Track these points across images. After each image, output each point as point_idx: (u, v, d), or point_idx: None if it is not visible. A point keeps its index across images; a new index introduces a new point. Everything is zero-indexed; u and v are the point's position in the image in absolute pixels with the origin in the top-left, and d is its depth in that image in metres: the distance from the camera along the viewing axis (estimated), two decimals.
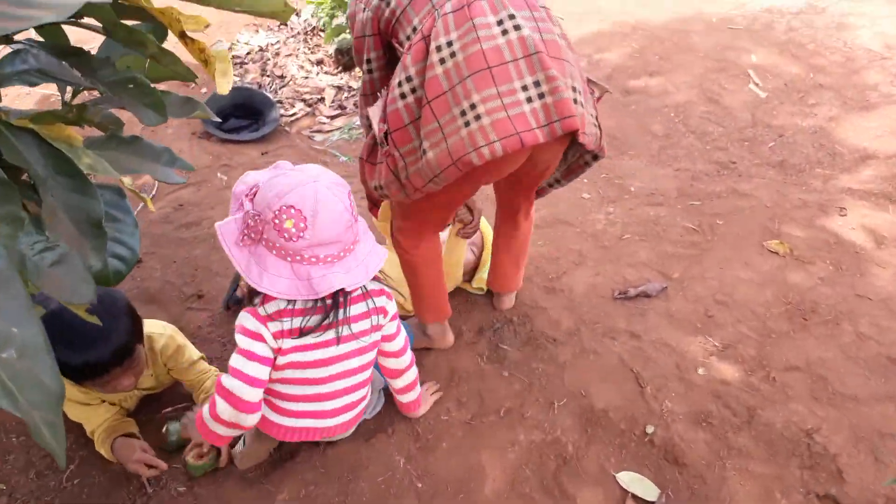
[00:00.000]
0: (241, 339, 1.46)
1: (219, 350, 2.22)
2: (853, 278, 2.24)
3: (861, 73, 3.77)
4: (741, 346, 2.00)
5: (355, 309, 1.55)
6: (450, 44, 1.41)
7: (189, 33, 0.96)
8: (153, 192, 3.15)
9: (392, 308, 1.64)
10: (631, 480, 1.67)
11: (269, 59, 4.39)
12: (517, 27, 1.41)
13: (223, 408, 1.45)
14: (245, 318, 1.46)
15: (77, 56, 1.01)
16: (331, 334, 1.52)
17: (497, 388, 1.91)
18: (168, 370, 1.87)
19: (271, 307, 1.45)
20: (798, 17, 4.40)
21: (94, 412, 1.75)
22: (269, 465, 1.76)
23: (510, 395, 1.88)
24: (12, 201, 0.83)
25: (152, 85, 1.05)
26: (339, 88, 4.11)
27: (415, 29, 1.50)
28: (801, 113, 3.48)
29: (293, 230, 1.37)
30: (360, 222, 1.51)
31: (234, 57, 4.45)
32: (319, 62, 4.32)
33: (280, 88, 4.11)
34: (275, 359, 1.49)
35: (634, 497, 1.63)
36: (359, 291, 1.55)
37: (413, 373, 1.75)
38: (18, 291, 0.55)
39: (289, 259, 1.40)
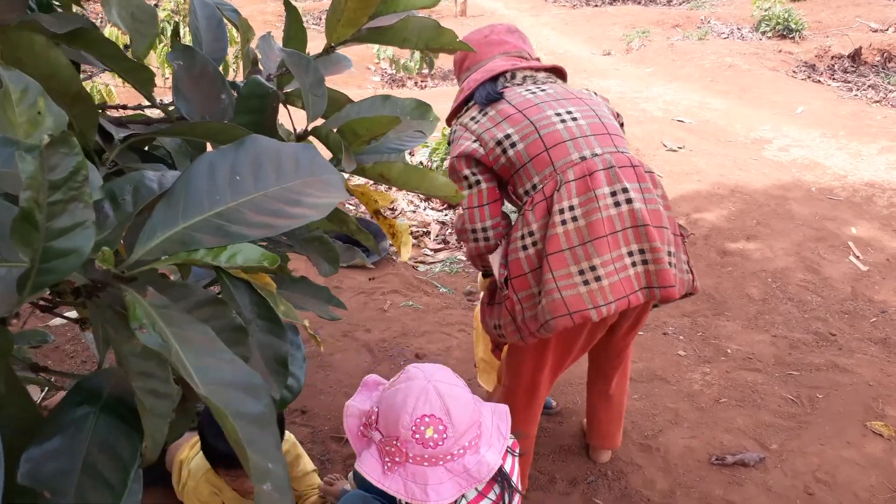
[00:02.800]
0: None
1: (318, 468, 2.33)
2: None
3: None
4: None
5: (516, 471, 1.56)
6: (572, 208, 1.59)
7: (381, 210, 1.16)
8: None
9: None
10: None
11: None
12: (629, 200, 1.60)
13: None
14: None
15: None
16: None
17: None
18: None
19: None
20: None
21: None
22: None
23: None
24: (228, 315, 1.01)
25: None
26: (444, 224, 4.39)
27: (534, 186, 1.66)
28: None
29: (436, 436, 1.36)
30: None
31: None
32: (427, 198, 4.64)
33: None
34: None
35: None
36: (509, 457, 1.54)
37: None
38: (274, 433, 0.69)
39: (441, 463, 1.38)
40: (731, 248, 3.85)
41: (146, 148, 1.20)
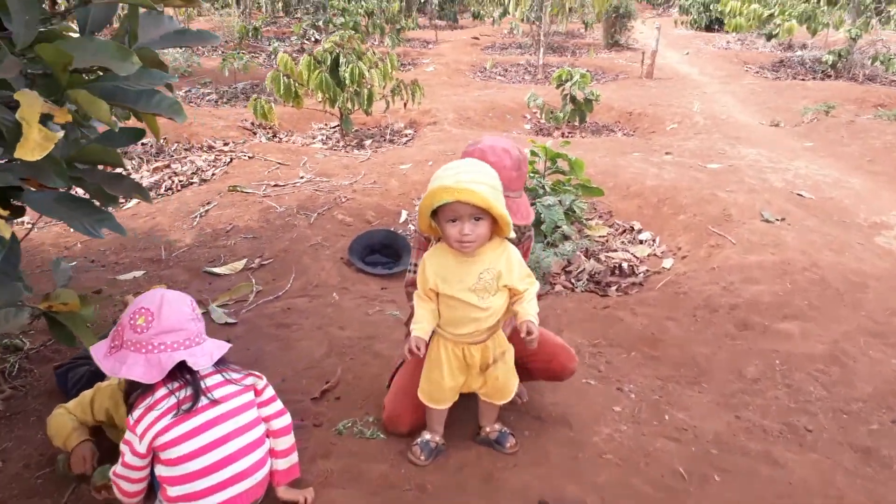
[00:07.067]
0: (122, 443, 1.80)
1: None
2: None
3: None
4: None
5: (222, 391, 1.83)
6: None
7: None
8: (249, 299, 3.67)
9: (267, 388, 1.93)
10: None
11: None
12: None
13: (115, 490, 1.85)
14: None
15: None
16: (203, 418, 1.77)
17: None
18: None
19: (137, 412, 1.75)
20: None
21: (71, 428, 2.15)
22: None
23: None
24: None
25: None
26: None
27: None
28: None
29: (143, 323, 1.75)
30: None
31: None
32: None
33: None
34: (152, 454, 1.77)
35: None
36: (220, 378, 1.85)
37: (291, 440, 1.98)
38: None
39: (143, 352, 1.74)
40: (755, 323, 3.44)
41: None
